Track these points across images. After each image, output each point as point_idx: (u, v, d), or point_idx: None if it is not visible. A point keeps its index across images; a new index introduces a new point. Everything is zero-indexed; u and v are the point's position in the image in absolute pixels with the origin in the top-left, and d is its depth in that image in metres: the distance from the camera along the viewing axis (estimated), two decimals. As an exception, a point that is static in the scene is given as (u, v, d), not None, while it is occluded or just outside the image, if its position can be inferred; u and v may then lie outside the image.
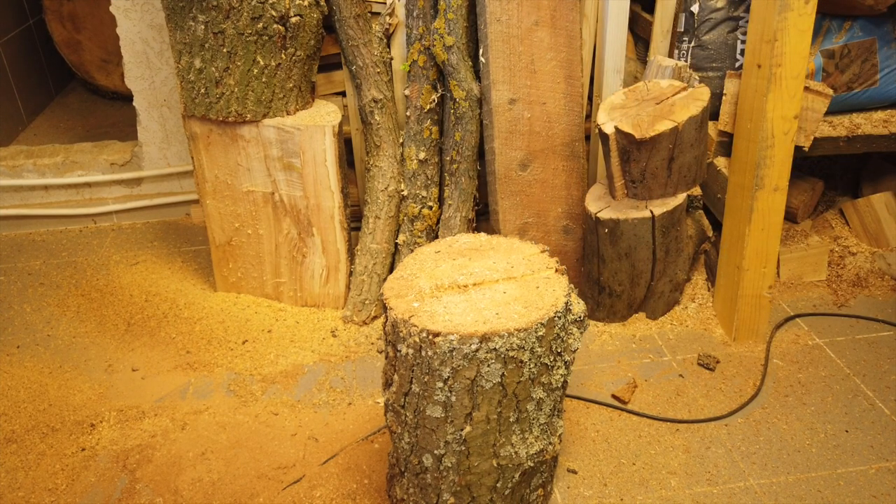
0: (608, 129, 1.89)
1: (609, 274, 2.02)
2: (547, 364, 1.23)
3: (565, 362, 1.27)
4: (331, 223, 2.09)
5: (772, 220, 1.88)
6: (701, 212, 2.07)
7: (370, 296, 2.13)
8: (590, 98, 2.24)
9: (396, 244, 2.18)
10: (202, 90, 1.94)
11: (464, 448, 1.27)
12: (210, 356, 2.02)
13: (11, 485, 1.65)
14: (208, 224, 2.17)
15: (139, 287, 2.30)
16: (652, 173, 1.89)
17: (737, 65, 2.05)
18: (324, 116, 2.02)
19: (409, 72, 2.11)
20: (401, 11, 2.10)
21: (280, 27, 1.89)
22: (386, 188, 2.13)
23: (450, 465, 1.29)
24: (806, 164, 2.34)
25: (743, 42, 2.03)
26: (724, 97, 1.97)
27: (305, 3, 1.92)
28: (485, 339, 1.14)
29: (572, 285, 1.28)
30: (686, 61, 2.09)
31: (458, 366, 1.17)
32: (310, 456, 1.70)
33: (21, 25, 3.28)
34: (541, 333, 1.18)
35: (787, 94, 1.73)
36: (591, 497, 1.59)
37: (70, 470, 1.69)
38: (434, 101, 2.08)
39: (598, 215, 1.94)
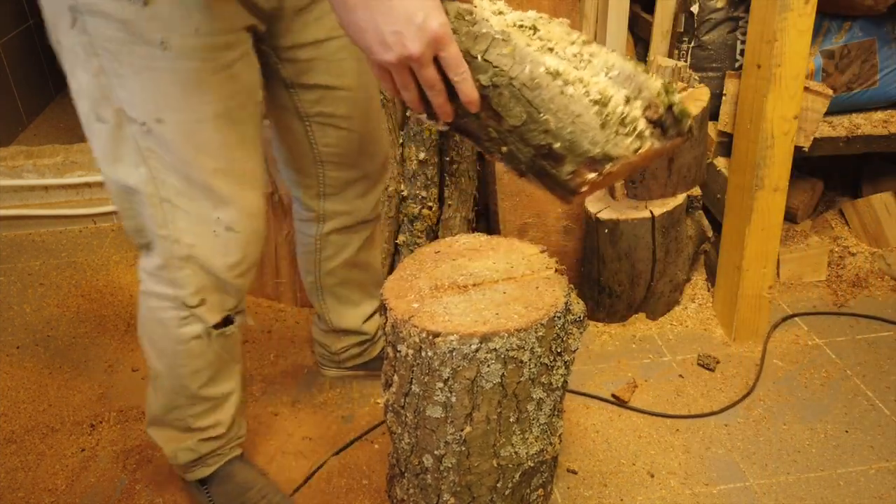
0: (608, 129, 1.88)
1: (609, 274, 2.02)
2: (547, 364, 1.23)
3: (565, 362, 1.27)
4: (331, 223, 2.09)
5: (772, 221, 1.88)
6: (701, 212, 2.07)
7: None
8: (590, 98, 2.24)
9: (396, 244, 2.18)
10: (202, 90, 1.94)
11: (464, 448, 1.27)
12: (210, 356, 2.02)
13: (11, 485, 1.65)
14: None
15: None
16: (651, 173, 1.90)
17: (736, 65, 2.05)
18: (324, 117, 2.02)
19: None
20: (401, 12, 2.09)
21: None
22: (386, 188, 2.13)
23: (450, 465, 1.29)
24: (806, 164, 2.34)
25: (743, 42, 2.03)
26: (723, 97, 1.98)
27: (305, 3, 1.92)
28: (485, 339, 1.14)
29: (572, 285, 1.28)
30: (686, 61, 2.09)
31: (458, 366, 1.17)
32: (309, 456, 1.71)
33: (21, 25, 3.28)
34: (541, 334, 1.18)
35: (787, 95, 1.73)
36: (590, 497, 1.59)
37: (70, 470, 1.69)
38: (434, 101, 2.08)
39: (598, 215, 1.94)
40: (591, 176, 0.92)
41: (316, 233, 1.61)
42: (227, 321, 1.36)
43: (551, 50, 0.95)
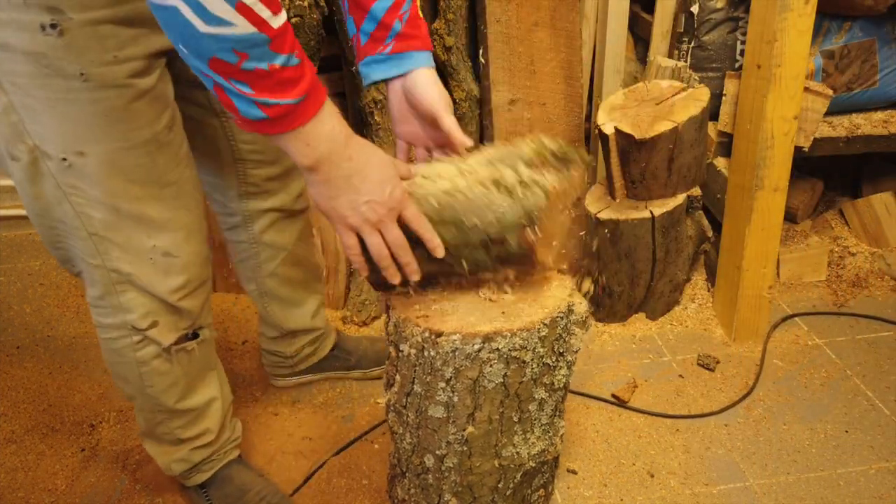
0: (608, 129, 1.89)
1: (609, 274, 2.02)
2: (549, 364, 1.23)
3: (567, 363, 1.27)
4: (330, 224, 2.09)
5: (772, 221, 1.88)
6: (701, 212, 2.07)
7: (370, 296, 2.13)
8: (590, 98, 2.24)
9: (396, 244, 2.18)
10: (202, 90, 1.94)
11: (466, 448, 1.27)
12: (210, 356, 2.02)
13: (11, 485, 1.65)
14: (208, 224, 2.17)
15: (139, 287, 2.30)
16: (652, 174, 1.90)
17: (736, 65, 2.05)
18: (324, 117, 2.01)
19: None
20: (401, 12, 2.09)
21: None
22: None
23: (451, 465, 1.29)
24: (806, 164, 2.34)
25: (743, 42, 2.04)
26: (723, 97, 1.98)
27: (305, 3, 1.92)
28: (487, 338, 1.14)
29: (574, 286, 1.28)
30: (686, 62, 2.10)
31: (461, 366, 1.17)
32: (309, 456, 1.71)
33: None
34: (543, 334, 1.18)
35: (787, 95, 1.73)
36: (590, 497, 1.59)
37: (70, 470, 1.69)
38: (434, 101, 2.08)
39: (598, 216, 1.95)
40: (533, 236, 1.11)
41: (248, 238, 1.58)
42: (187, 338, 1.34)
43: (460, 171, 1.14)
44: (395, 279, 1.11)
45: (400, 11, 1.15)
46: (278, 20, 0.87)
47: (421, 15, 1.20)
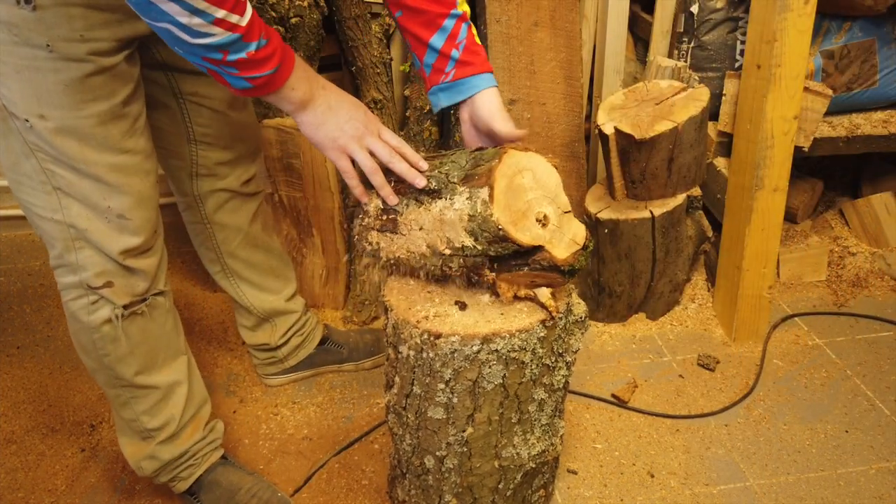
0: (608, 129, 1.89)
1: (609, 274, 2.02)
2: (548, 365, 1.23)
3: (566, 363, 1.27)
4: (330, 224, 2.09)
5: (772, 221, 1.88)
6: (701, 212, 2.07)
7: (370, 296, 2.13)
8: (589, 98, 2.24)
9: (396, 244, 2.18)
10: (202, 90, 1.94)
11: (465, 449, 1.27)
12: (210, 356, 2.02)
13: (11, 485, 1.65)
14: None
15: (139, 287, 2.30)
16: (652, 174, 1.89)
17: (736, 65, 2.05)
18: (324, 117, 2.02)
19: (408, 72, 2.11)
20: (401, 12, 2.09)
21: (279, 28, 1.89)
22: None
23: (452, 466, 1.29)
24: (806, 164, 2.34)
25: (743, 42, 2.03)
26: (723, 97, 1.98)
27: (305, 3, 1.92)
28: (486, 340, 1.14)
29: (573, 286, 1.28)
30: (686, 62, 2.10)
31: (460, 367, 1.17)
32: (309, 456, 1.71)
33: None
34: (542, 334, 1.18)
35: (787, 95, 1.73)
36: (591, 497, 1.59)
37: (70, 470, 1.69)
38: (434, 101, 2.08)
39: (598, 216, 1.94)
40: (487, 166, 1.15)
41: (202, 218, 1.63)
42: (141, 301, 1.37)
43: None
44: (393, 200, 1.23)
45: (456, 41, 1.28)
46: (245, 18, 1.03)
47: (478, 41, 1.32)
